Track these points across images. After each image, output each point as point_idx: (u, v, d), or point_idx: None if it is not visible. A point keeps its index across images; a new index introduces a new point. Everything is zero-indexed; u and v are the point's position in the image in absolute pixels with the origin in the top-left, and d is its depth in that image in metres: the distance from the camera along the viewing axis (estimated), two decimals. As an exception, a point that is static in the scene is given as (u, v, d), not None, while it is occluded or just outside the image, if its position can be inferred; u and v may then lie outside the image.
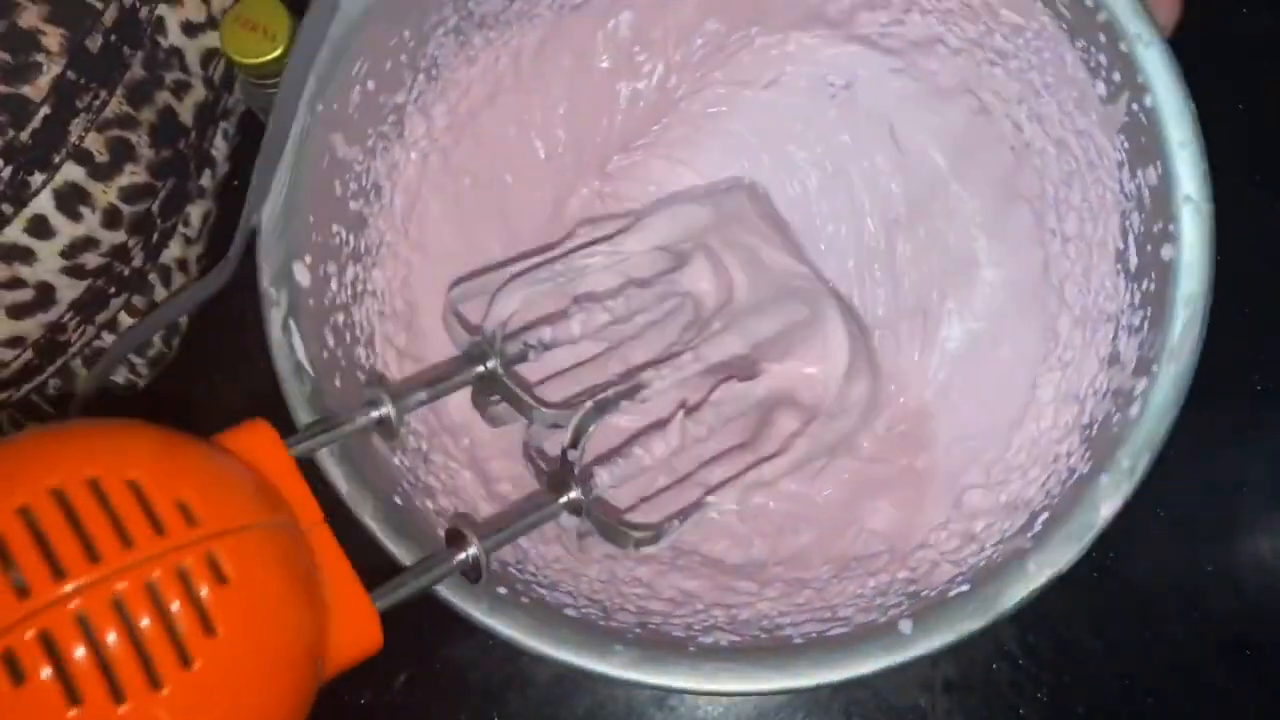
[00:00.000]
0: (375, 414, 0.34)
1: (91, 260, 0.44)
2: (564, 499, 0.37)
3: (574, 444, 0.38)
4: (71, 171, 0.42)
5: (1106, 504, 0.35)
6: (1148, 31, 0.38)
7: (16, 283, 0.43)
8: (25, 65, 0.39)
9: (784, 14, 0.47)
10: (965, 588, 0.36)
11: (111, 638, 0.23)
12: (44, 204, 0.42)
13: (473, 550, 0.32)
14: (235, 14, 0.44)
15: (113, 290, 0.47)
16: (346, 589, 0.29)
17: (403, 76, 0.43)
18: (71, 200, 0.42)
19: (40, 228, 0.42)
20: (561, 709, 0.51)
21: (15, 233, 0.41)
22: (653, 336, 0.46)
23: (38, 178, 0.41)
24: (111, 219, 0.44)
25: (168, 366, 0.53)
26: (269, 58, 0.44)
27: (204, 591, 0.24)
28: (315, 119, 0.39)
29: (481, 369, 0.38)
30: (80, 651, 0.23)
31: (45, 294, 0.44)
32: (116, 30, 0.42)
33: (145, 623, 0.23)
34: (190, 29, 0.46)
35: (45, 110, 0.40)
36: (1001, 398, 0.44)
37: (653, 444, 0.41)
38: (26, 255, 0.42)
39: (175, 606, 0.24)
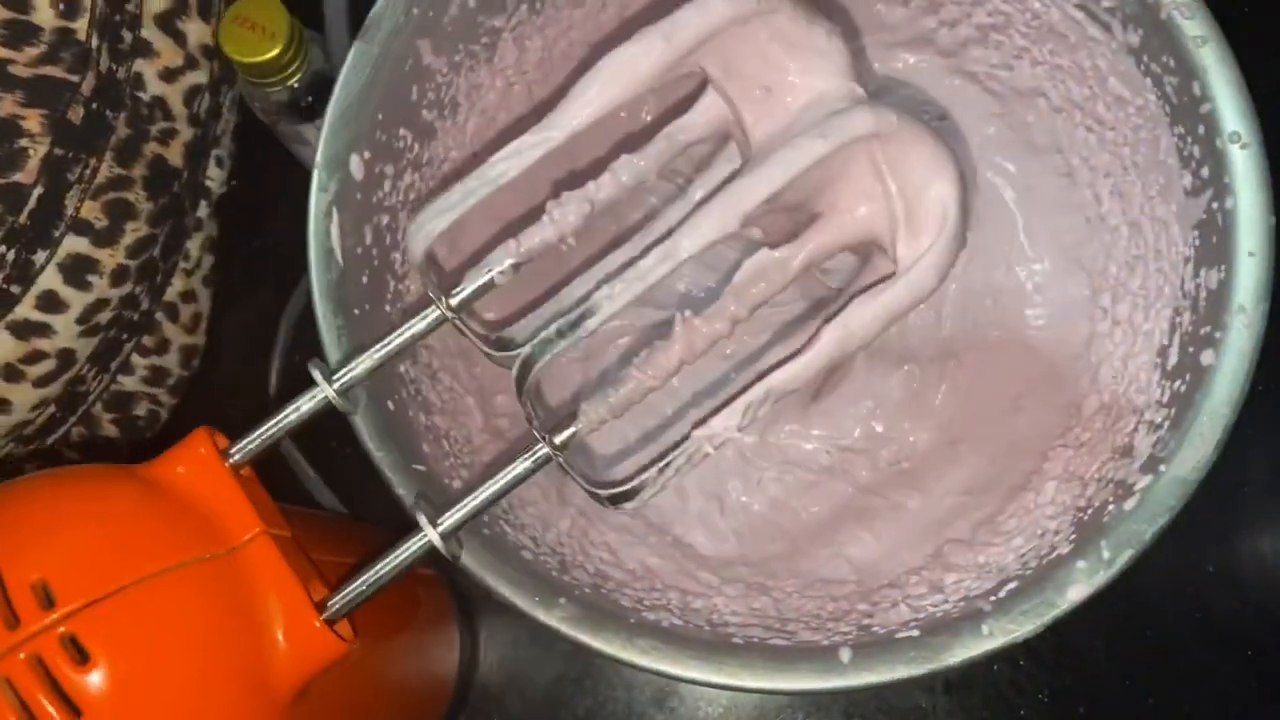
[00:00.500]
0: (316, 399, 0.32)
1: (104, 317, 0.45)
2: (531, 456, 0.32)
3: (520, 393, 0.33)
4: (74, 244, 0.42)
5: (1075, 589, 0.35)
6: (1248, 132, 0.37)
7: (38, 355, 0.43)
8: (11, 153, 0.39)
9: (896, 31, 0.47)
10: (915, 633, 0.35)
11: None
12: (51, 280, 0.42)
13: (428, 538, 0.30)
14: (234, 13, 0.44)
15: (125, 336, 0.47)
16: (291, 600, 0.28)
17: (505, 2, 0.43)
18: (78, 271, 0.43)
19: (51, 302, 0.42)
20: (561, 709, 0.51)
21: (27, 310, 0.42)
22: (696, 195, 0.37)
23: (40, 255, 0.41)
24: (119, 278, 0.44)
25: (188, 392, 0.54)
26: (268, 56, 0.44)
27: (64, 675, 0.25)
28: (409, 20, 0.40)
29: (425, 322, 0.33)
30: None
31: (66, 359, 0.44)
32: (96, 97, 0.41)
33: None
34: (169, 75, 0.45)
35: (39, 191, 0.40)
36: (1010, 462, 0.43)
37: (654, 358, 0.32)
38: (43, 330, 0.43)
39: (40, 697, 0.24)
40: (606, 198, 0.34)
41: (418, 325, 0.34)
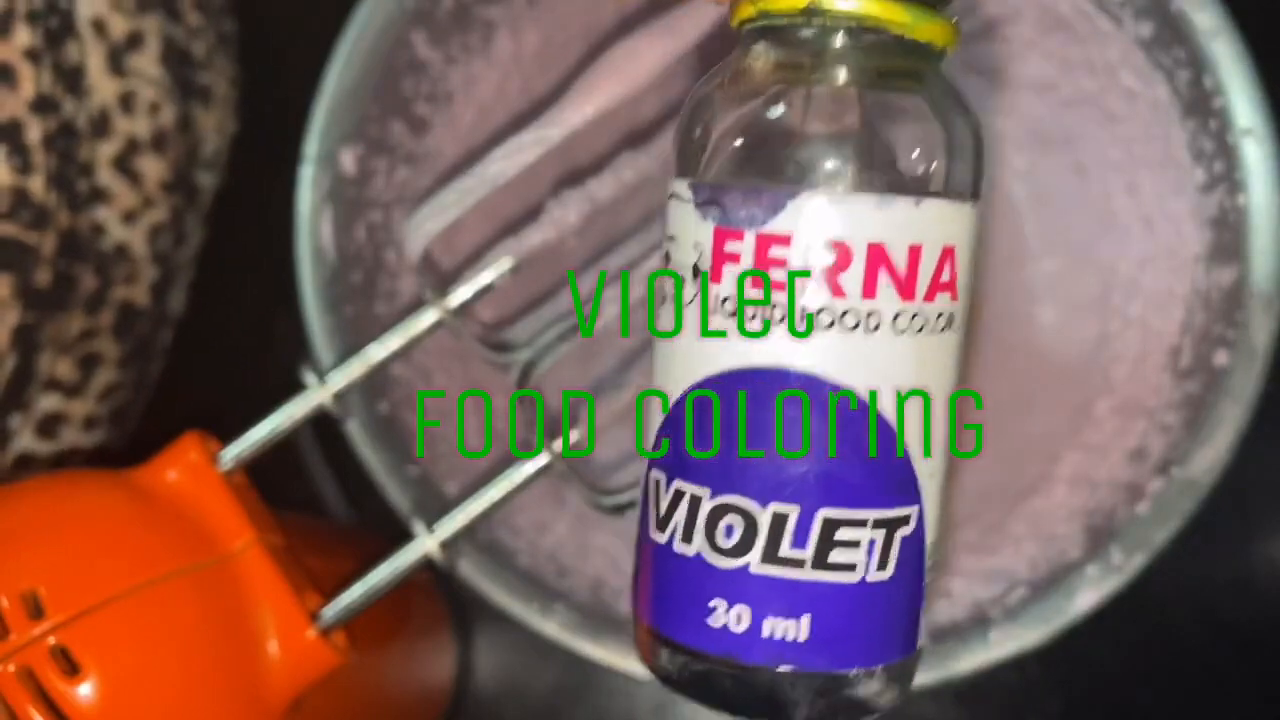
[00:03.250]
0: (309, 403, 0.31)
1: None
2: (532, 463, 0.31)
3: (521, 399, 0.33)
4: (47, 402, 0.40)
5: (1085, 594, 0.34)
6: (1261, 127, 0.36)
7: None
8: None
9: (901, 25, 0.46)
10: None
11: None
12: (26, 442, 0.40)
13: (424, 547, 0.30)
14: None
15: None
16: (284, 610, 0.28)
17: (503, -8, 0.42)
18: (51, 425, 0.41)
19: (24, 462, 0.40)
20: (559, 718, 0.50)
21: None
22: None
23: (15, 419, 0.39)
24: (90, 425, 0.43)
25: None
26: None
27: (54, 686, 0.25)
28: (403, 11, 0.39)
29: (422, 325, 0.32)
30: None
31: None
32: (63, 255, 0.39)
33: None
34: (129, 217, 0.42)
35: (11, 362, 0.38)
36: (1020, 465, 0.42)
37: None
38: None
39: (30, 709, 0.24)
40: (608, 196, 0.34)
41: (414, 328, 0.33)
